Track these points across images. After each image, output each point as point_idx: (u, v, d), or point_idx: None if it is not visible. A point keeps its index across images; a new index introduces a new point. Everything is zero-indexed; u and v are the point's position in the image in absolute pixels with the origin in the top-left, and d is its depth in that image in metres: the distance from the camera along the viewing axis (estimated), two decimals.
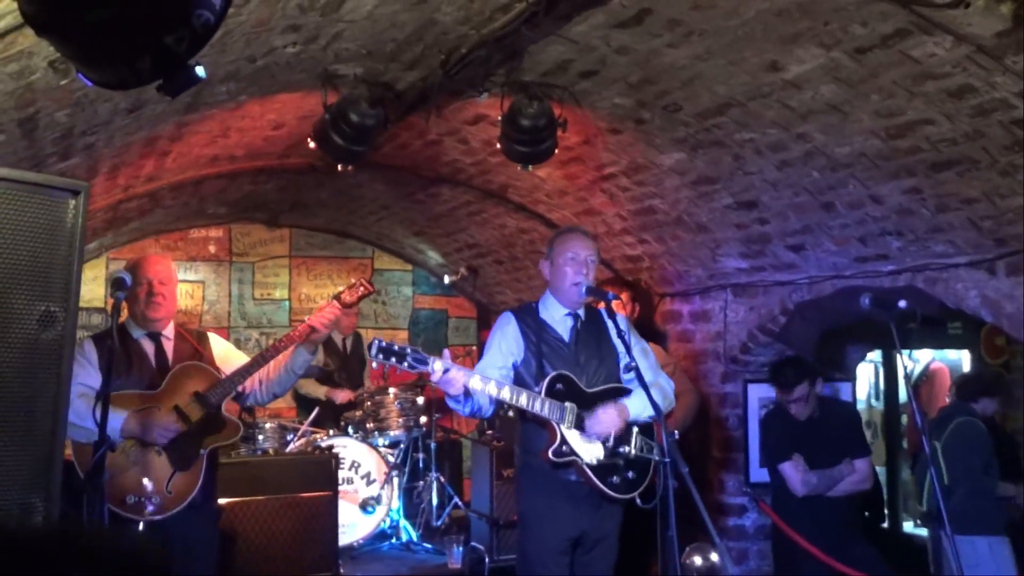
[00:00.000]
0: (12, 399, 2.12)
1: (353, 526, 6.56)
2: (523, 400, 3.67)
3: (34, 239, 2.14)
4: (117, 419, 3.63)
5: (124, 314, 3.91)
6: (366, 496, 6.70)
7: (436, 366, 3.48)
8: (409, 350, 3.50)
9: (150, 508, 3.67)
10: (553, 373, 3.80)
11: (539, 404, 3.69)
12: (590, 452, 3.78)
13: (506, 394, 3.64)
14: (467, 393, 3.62)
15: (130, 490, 3.66)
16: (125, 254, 8.01)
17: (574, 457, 3.75)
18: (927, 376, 8.37)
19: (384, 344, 3.48)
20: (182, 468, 3.79)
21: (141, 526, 3.65)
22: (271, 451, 6.39)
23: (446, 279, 8.58)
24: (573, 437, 3.76)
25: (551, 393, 3.75)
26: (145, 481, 3.69)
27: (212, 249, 8.62)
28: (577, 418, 3.77)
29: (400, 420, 7.13)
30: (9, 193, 2.09)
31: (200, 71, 1.56)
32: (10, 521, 1.98)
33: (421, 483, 7.34)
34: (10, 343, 2.11)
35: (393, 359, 3.46)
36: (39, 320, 2.14)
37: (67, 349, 2.19)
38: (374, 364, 3.48)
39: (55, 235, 2.16)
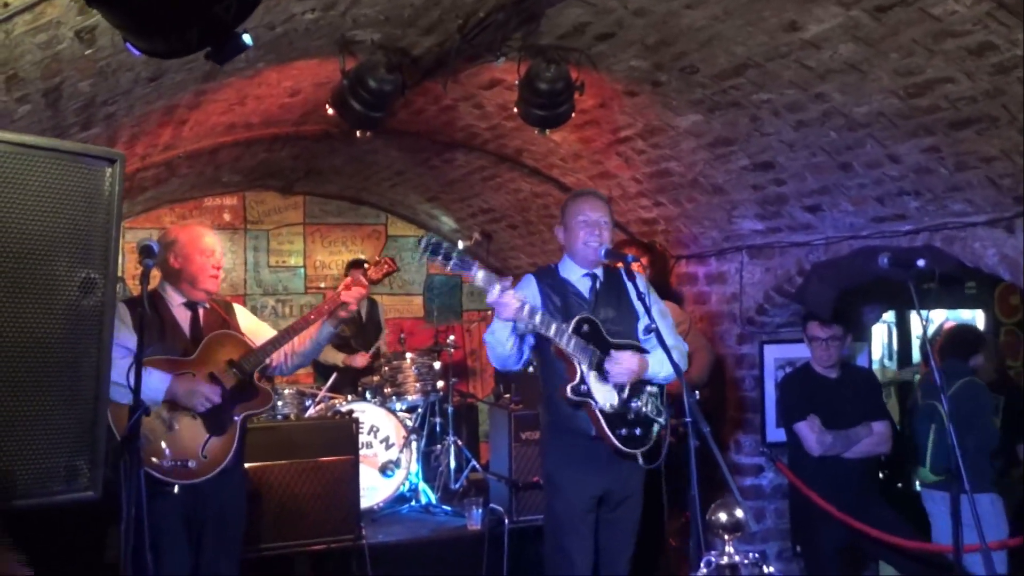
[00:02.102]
0: (57, 364, 2.17)
1: (373, 489, 6.64)
2: (552, 330, 3.74)
3: (73, 207, 2.18)
4: (163, 381, 3.72)
5: (153, 281, 3.96)
6: (385, 460, 6.77)
7: (496, 289, 3.55)
8: (456, 251, 3.51)
9: (186, 472, 3.75)
10: (580, 315, 3.86)
11: (566, 339, 3.77)
12: (605, 397, 3.86)
13: (537, 320, 3.70)
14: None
15: (166, 454, 3.74)
16: (141, 223, 8.05)
17: (589, 399, 3.82)
18: (940, 335, 8.38)
19: (434, 240, 3.48)
20: (217, 433, 3.88)
21: (176, 489, 3.74)
22: (292, 416, 6.46)
23: (460, 244, 8.60)
24: (592, 380, 3.83)
25: (577, 332, 3.81)
26: (181, 445, 3.77)
27: (227, 217, 8.66)
28: (598, 362, 3.84)
29: (417, 385, 7.20)
30: (48, 162, 2.12)
31: (247, 39, 1.58)
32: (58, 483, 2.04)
33: (439, 447, 7.41)
34: (53, 309, 2.16)
35: (439, 258, 3.48)
36: (80, 286, 2.18)
37: (107, 315, 2.24)
38: (422, 260, 3.51)
39: (93, 203, 2.19)
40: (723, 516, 3.11)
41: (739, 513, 3.10)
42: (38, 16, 2.47)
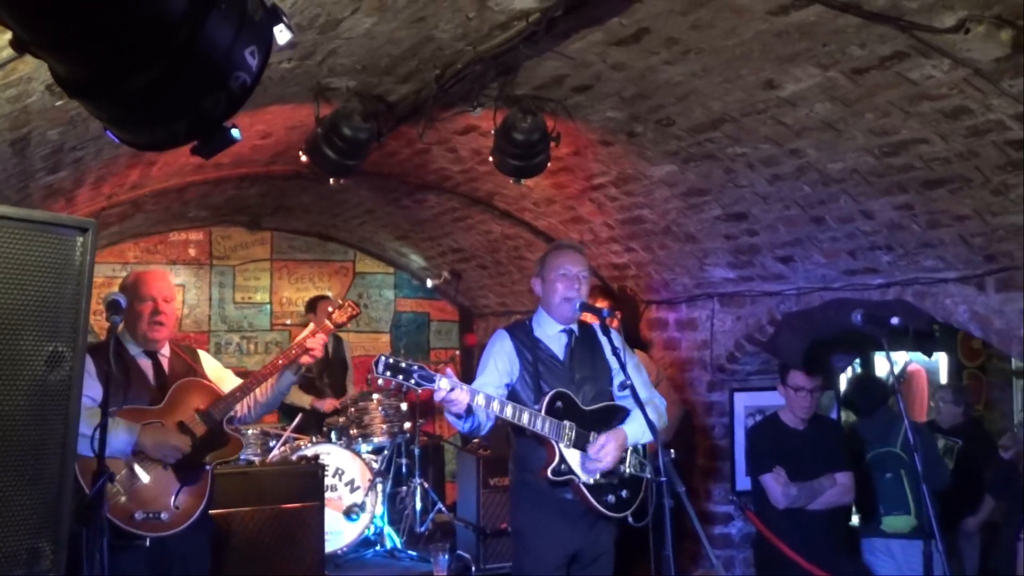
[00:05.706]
0: (21, 442, 2.06)
1: (337, 533, 6.52)
2: (524, 418, 3.66)
3: (42, 278, 2.08)
4: (131, 433, 3.60)
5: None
6: (350, 503, 6.66)
7: (442, 384, 3.45)
8: (416, 367, 3.45)
9: (159, 524, 3.64)
10: (552, 391, 3.79)
11: (539, 422, 3.69)
12: (588, 472, 3.79)
13: (508, 412, 3.63)
14: (468, 410, 3.60)
15: (138, 506, 3.62)
16: (105, 257, 7.90)
17: (571, 476, 3.76)
18: (904, 378, 8.44)
19: (391, 361, 3.43)
20: (189, 483, 3.77)
21: (148, 543, 3.62)
22: (256, 461, 6.33)
23: (429, 283, 8.56)
24: (571, 456, 3.77)
25: (550, 411, 3.75)
26: (153, 497, 3.66)
27: (192, 252, 8.53)
28: (576, 436, 3.77)
29: (384, 426, 7.10)
30: (17, 232, 2.03)
31: (236, 133, 1.53)
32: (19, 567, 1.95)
33: (404, 488, 7.31)
34: (18, 385, 2.05)
35: (400, 376, 3.42)
36: (47, 361, 2.09)
37: (75, 389, 2.15)
38: (380, 381, 3.43)
39: (63, 274, 2.10)
40: None
41: None
42: (8, 73, 2.40)
